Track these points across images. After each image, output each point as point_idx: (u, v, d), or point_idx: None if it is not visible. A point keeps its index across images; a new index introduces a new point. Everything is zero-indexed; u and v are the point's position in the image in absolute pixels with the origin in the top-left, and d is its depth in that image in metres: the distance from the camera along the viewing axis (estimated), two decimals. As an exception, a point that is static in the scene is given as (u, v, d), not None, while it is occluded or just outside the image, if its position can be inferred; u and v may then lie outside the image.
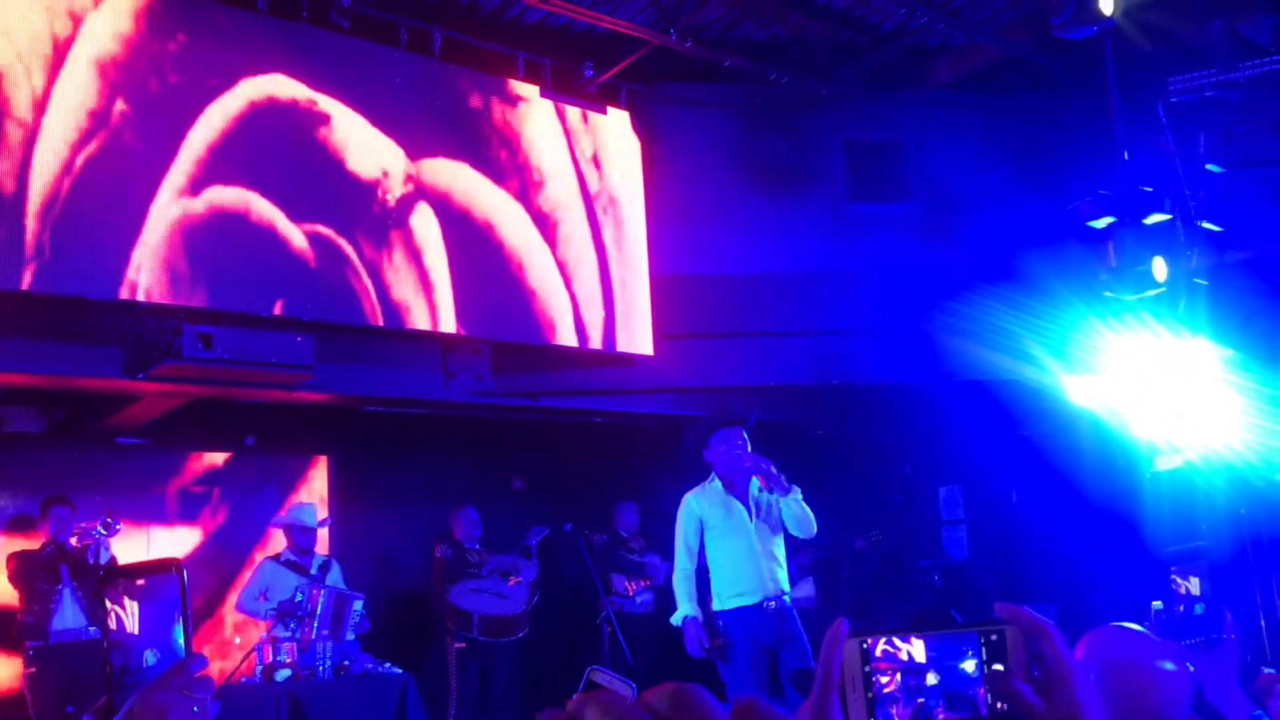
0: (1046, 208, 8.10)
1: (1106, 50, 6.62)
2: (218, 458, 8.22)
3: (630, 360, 7.94)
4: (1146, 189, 6.46)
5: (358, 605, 6.53)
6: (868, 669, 1.10)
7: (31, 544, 6.72)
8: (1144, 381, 6.61)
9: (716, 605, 5.54)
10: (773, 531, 5.54)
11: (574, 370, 7.92)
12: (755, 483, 5.54)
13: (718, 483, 5.64)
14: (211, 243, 6.29)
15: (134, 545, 7.40)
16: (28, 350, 6.11)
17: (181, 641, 1.21)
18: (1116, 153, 6.67)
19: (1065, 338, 7.62)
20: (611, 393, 8.01)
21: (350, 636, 6.45)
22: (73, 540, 6.34)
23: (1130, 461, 6.81)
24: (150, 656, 1.21)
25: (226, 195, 6.38)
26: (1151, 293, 6.50)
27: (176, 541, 7.91)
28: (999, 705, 1.07)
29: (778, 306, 8.34)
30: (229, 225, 6.37)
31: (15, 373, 6.23)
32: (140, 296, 6.03)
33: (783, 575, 5.51)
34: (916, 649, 1.10)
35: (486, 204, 7.42)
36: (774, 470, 5.45)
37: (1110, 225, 6.54)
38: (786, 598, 5.50)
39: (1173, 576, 2.61)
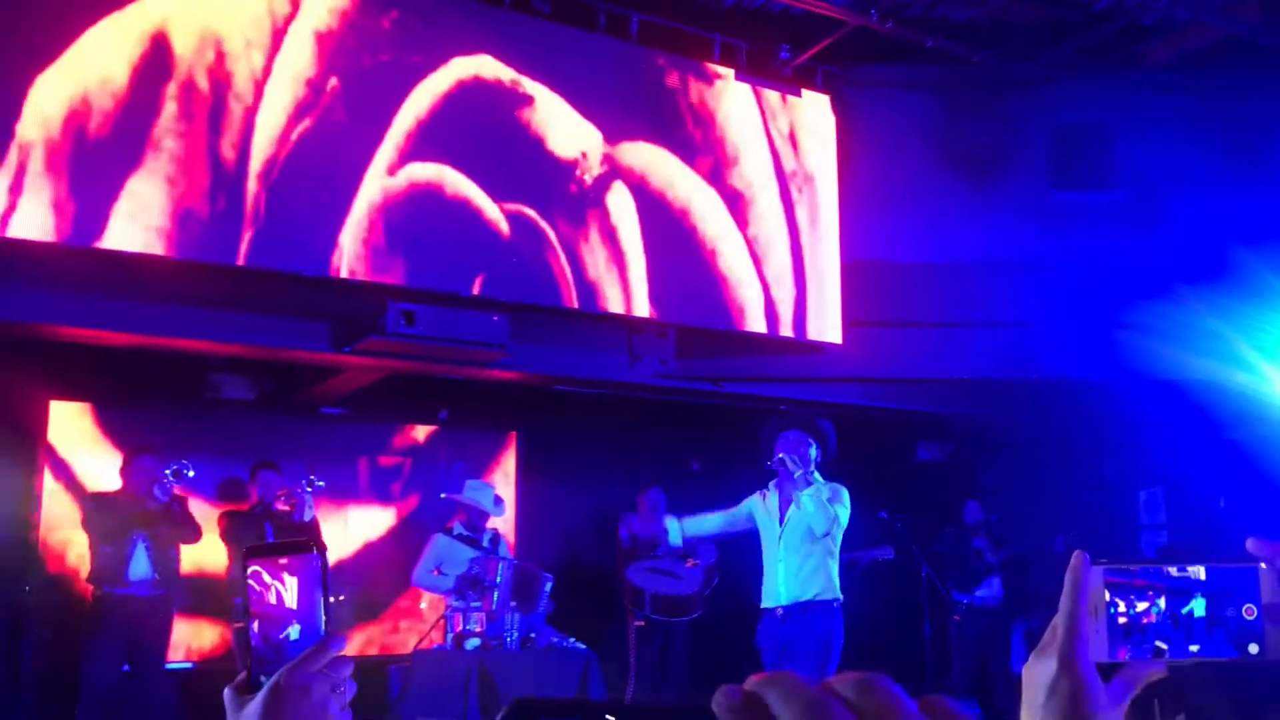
0: (1263, 200, 7.63)
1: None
2: (412, 431, 8.50)
3: (818, 348, 7.83)
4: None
5: (548, 586, 6.65)
6: (1109, 601, 1.12)
7: (241, 507, 7.10)
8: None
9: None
10: (805, 537, 5.47)
11: (759, 356, 7.86)
12: (811, 489, 5.49)
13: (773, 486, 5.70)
14: (414, 220, 6.48)
15: (331, 514, 7.73)
16: (242, 322, 6.41)
17: (323, 620, 1.21)
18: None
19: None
20: (796, 380, 7.92)
21: (540, 611, 6.58)
22: (279, 503, 6.66)
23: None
24: (293, 632, 1.22)
25: (431, 174, 6.56)
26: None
27: (370, 513, 8.22)
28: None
29: (971, 296, 8.09)
30: (432, 203, 6.55)
31: (230, 343, 6.57)
32: (347, 273, 6.25)
33: (809, 583, 5.44)
34: (1148, 586, 1.13)
35: (680, 187, 7.43)
36: (792, 463, 5.43)
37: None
38: (826, 599, 5.44)
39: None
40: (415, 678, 6.46)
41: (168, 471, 6.33)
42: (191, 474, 6.47)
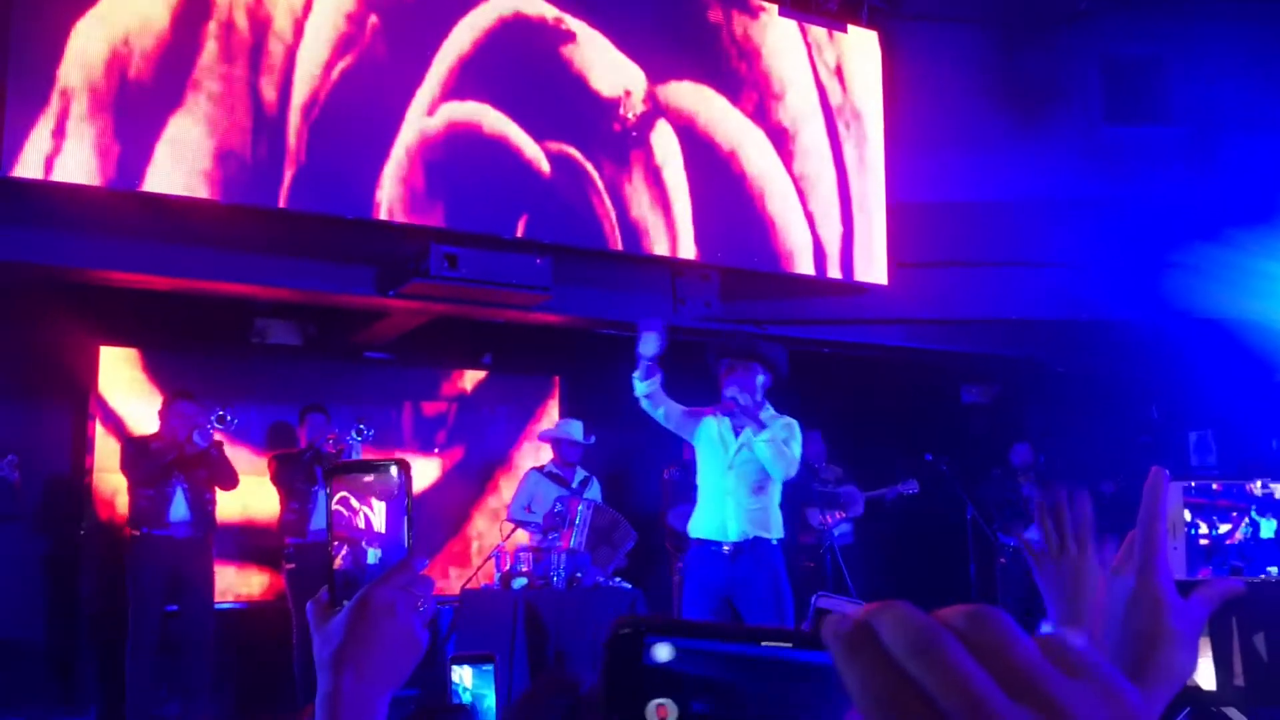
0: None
1: None
2: (458, 378, 8.52)
3: (863, 289, 7.74)
4: None
5: (629, 544, 6.71)
6: (1190, 522, 1.11)
7: (291, 450, 7.17)
8: None
9: (689, 530, 5.43)
10: (760, 476, 5.21)
11: (804, 298, 7.79)
12: (766, 433, 5.16)
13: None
14: (456, 160, 6.44)
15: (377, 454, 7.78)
16: (286, 267, 6.42)
17: (406, 539, 1.21)
18: None
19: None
20: (841, 322, 7.84)
21: (618, 559, 6.64)
22: (329, 445, 6.71)
23: None
24: (373, 554, 1.22)
25: (472, 113, 6.50)
26: None
27: (416, 460, 8.28)
28: None
29: (1020, 236, 7.97)
30: (473, 143, 6.50)
31: (275, 288, 6.58)
32: (389, 215, 6.23)
33: (759, 520, 5.21)
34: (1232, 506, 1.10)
35: (725, 125, 7.33)
36: (744, 404, 5.13)
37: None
38: (775, 537, 5.24)
39: None
40: (463, 617, 6.53)
41: (213, 417, 6.39)
42: (234, 421, 6.53)
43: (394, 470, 1.23)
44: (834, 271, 7.58)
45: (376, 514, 1.23)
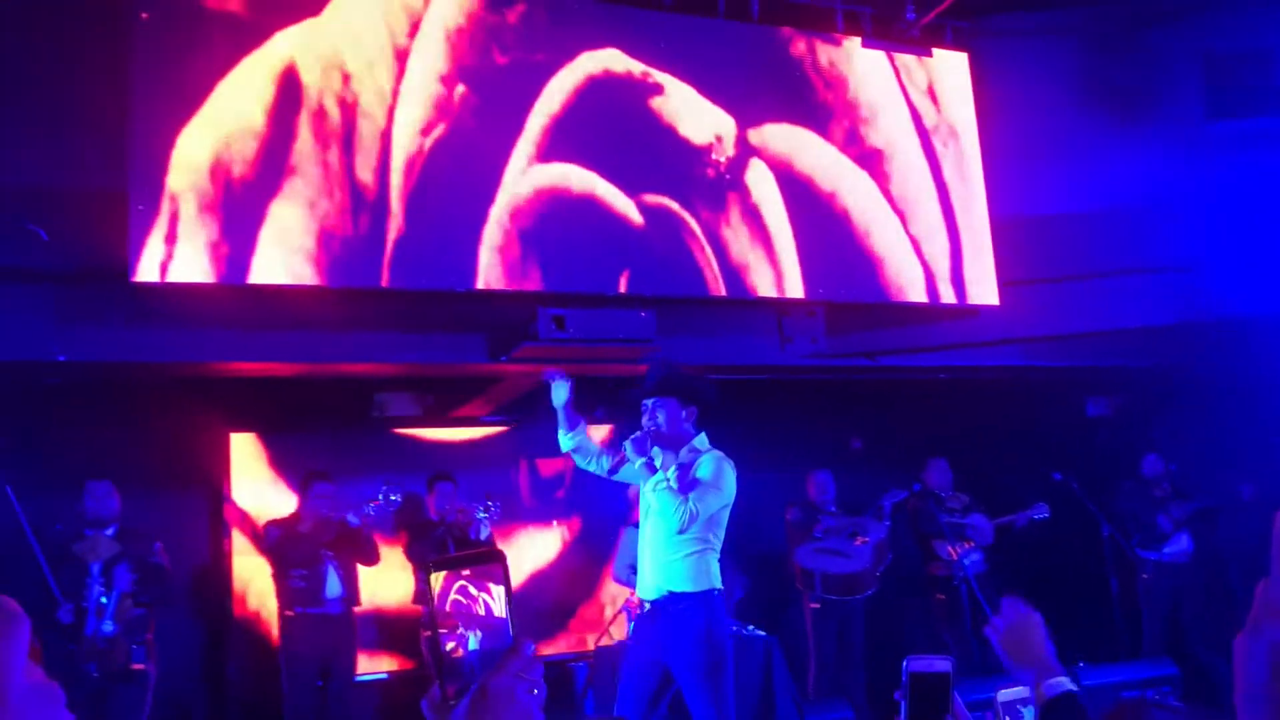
0: None
1: None
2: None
3: (974, 311, 7.62)
4: None
5: (739, 593, 6.67)
6: None
7: (422, 523, 7.29)
8: None
9: None
10: (666, 526, 4.70)
11: (913, 326, 7.69)
12: (654, 480, 4.71)
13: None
14: (555, 223, 6.52)
15: (501, 531, 7.86)
16: (399, 341, 6.57)
17: (511, 626, 1.22)
18: None
19: None
20: (955, 347, 7.73)
21: (730, 607, 6.59)
22: (457, 516, 6.83)
23: None
24: (473, 640, 1.23)
25: (566, 174, 6.60)
26: None
27: (542, 513, 8.35)
28: None
29: (1129, 242, 7.77)
30: (568, 204, 6.58)
31: (391, 363, 6.74)
32: (492, 284, 6.30)
33: (678, 573, 4.68)
34: None
35: (819, 161, 7.30)
36: (632, 450, 4.71)
37: None
38: (701, 589, 4.68)
39: None
40: (599, 674, 6.55)
41: (380, 496, 6.50)
42: (397, 500, 6.60)
43: (493, 561, 1.25)
44: (946, 295, 7.46)
45: (495, 600, 1.25)
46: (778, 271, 7.07)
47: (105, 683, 5.88)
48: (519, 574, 8.09)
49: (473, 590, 1.25)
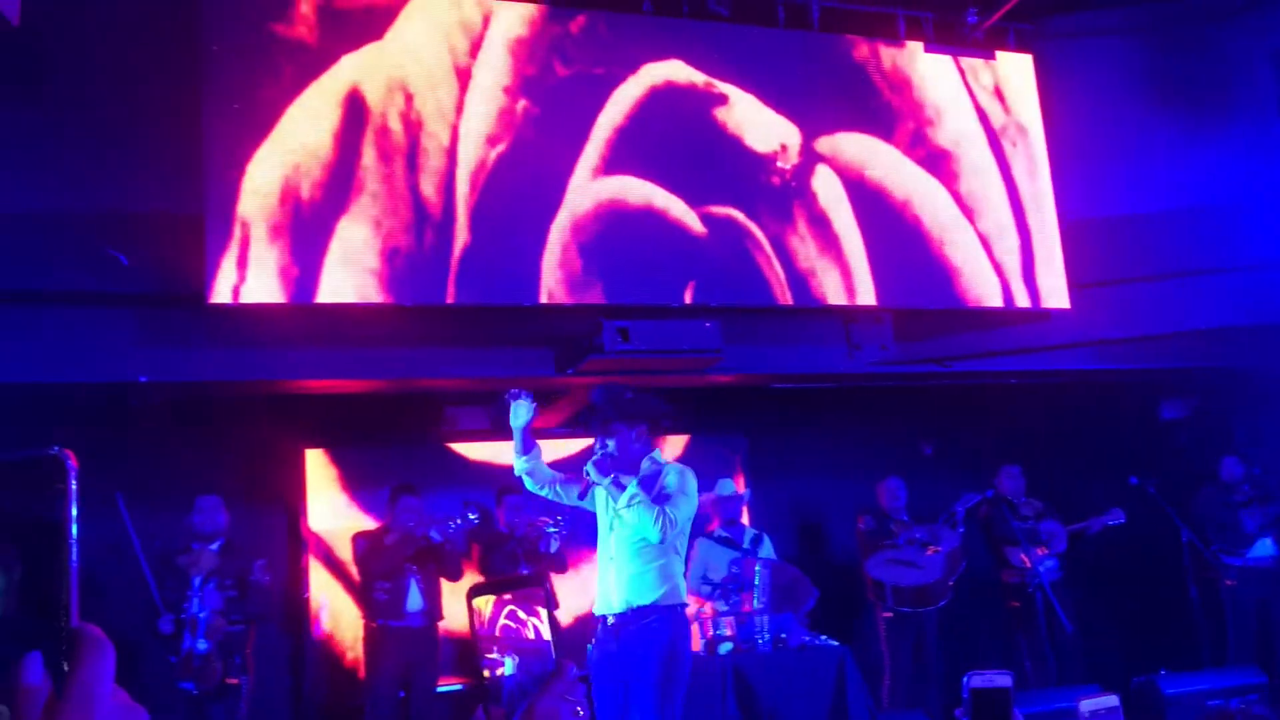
0: None
1: None
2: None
3: (1046, 315, 7.53)
4: None
5: (811, 601, 6.64)
6: None
7: (493, 537, 7.34)
8: None
9: None
10: (631, 540, 4.66)
11: (983, 331, 7.62)
12: (624, 497, 4.65)
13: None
14: (619, 235, 6.56)
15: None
16: (467, 356, 6.66)
17: (552, 648, 1.25)
18: None
19: None
20: (1026, 351, 7.64)
21: (802, 617, 6.58)
22: (527, 530, 6.89)
23: None
24: (510, 664, 1.25)
25: (629, 187, 6.64)
26: None
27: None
28: None
29: (1201, 242, 7.63)
30: (633, 217, 6.63)
31: (459, 379, 6.83)
32: (557, 297, 6.36)
33: (644, 587, 4.61)
34: None
35: (887, 167, 7.27)
36: (594, 475, 4.66)
37: None
38: (669, 603, 4.62)
39: None
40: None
41: (464, 516, 6.58)
42: (475, 518, 6.67)
43: (536, 583, 1.28)
44: (1020, 299, 7.37)
45: (542, 623, 1.28)
46: (847, 278, 7.04)
47: (200, 700, 6.02)
48: (588, 586, 8.12)
49: (521, 614, 1.29)
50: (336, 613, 7.44)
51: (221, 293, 5.72)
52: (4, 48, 4.63)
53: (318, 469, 7.74)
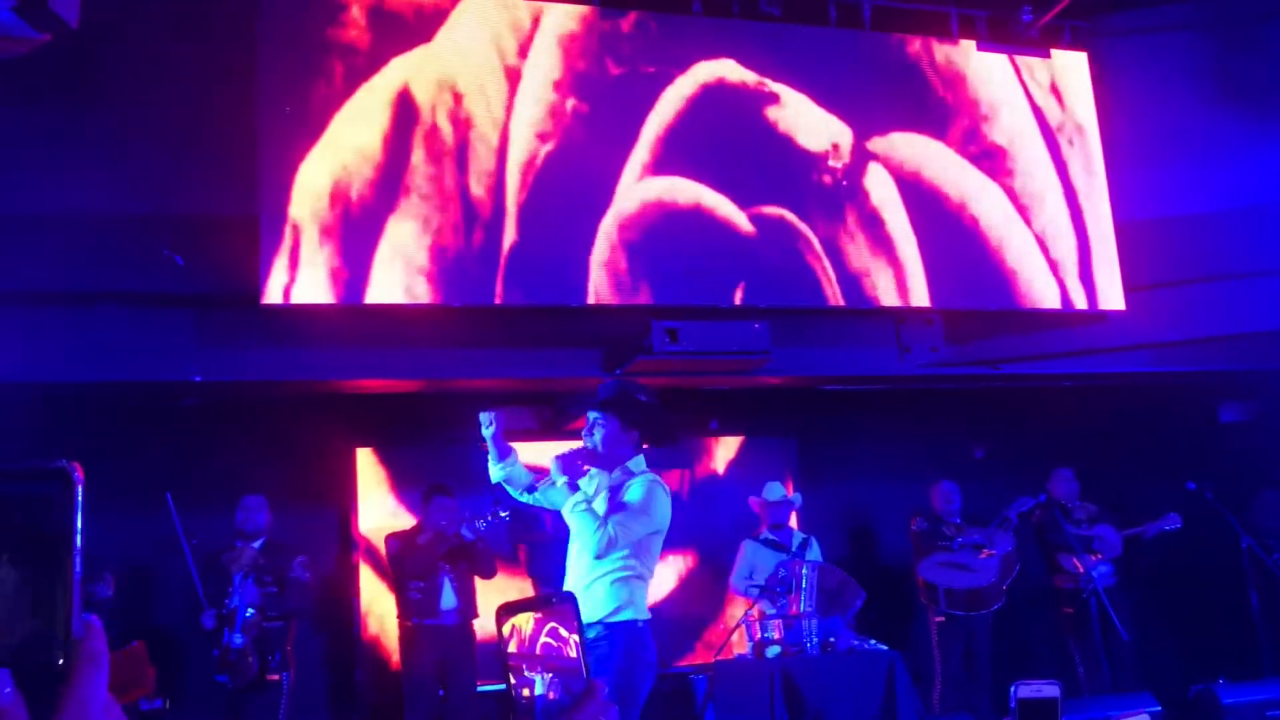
0: None
1: None
2: (697, 447, 8.60)
3: (1101, 317, 7.41)
4: None
5: (859, 602, 6.59)
6: None
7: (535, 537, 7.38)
8: None
9: None
10: (581, 549, 4.40)
11: (1035, 332, 7.51)
12: (573, 499, 4.40)
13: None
14: (667, 235, 6.55)
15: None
16: (516, 357, 6.67)
17: (584, 666, 1.23)
18: None
19: None
20: (1081, 353, 7.52)
21: (850, 620, 6.53)
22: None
23: None
24: (540, 684, 1.23)
25: (679, 187, 6.63)
26: None
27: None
28: None
29: (1261, 243, 7.48)
30: (682, 217, 6.61)
31: (508, 379, 6.85)
32: (606, 298, 6.36)
33: (597, 600, 4.32)
34: None
35: (942, 167, 7.19)
36: (569, 463, 4.42)
37: None
38: (625, 619, 4.34)
39: None
40: (719, 688, 6.53)
41: (490, 513, 6.64)
42: (507, 516, 6.71)
43: (564, 600, 1.26)
44: (1077, 300, 7.26)
45: (579, 642, 1.27)
46: (900, 279, 6.97)
47: (236, 695, 6.15)
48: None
49: (563, 632, 1.27)
50: (383, 614, 7.49)
51: (273, 293, 5.78)
52: (64, 52, 4.71)
53: (368, 469, 7.80)
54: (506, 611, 1.26)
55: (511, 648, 1.24)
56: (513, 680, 1.25)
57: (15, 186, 5.69)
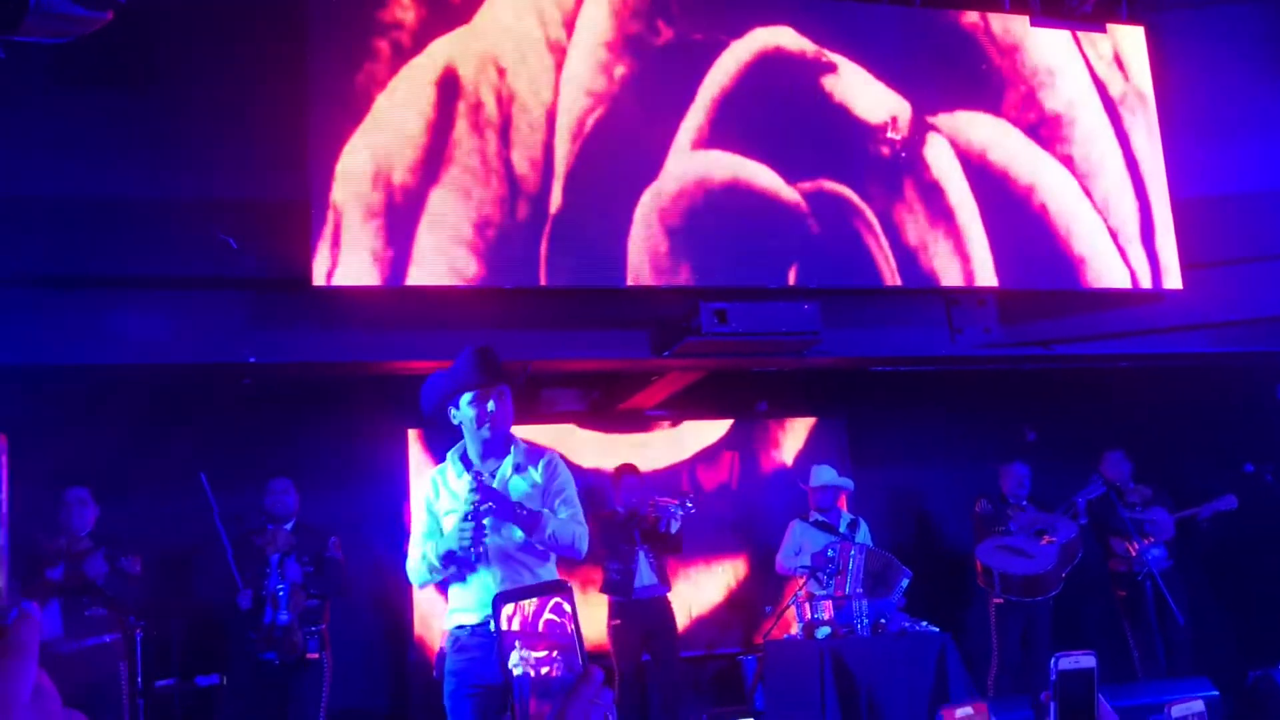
0: None
1: None
2: (735, 426, 8.58)
3: (1158, 296, 7.28)
4: None
5: (904, 582, 6.56)
6: None
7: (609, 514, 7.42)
8: None
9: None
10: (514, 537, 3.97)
11: (1089, 313, 7.39)
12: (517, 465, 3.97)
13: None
14: (716, 214, 6.48)
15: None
16: (564, 339, 6.67)
17: (580, 653, 1.23)
18: None
19: None
20: (1137, 333, 7.39)
21: (899, 600, 6.51)
22: (648, 510, 6.97)
23: None
24: (514, 658, 1.23)
25: (730, 164, 6.54)
26: None
27: (703, 504, 8.36)
28: None
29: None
30: (733, 195, 6.53)
31: (556, 359, 6.85)
32: (648, 278, 6.31)
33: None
34: None
35: (997, 143, 7.06)
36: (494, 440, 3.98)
37: None
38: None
39: None
40: (769, 668, 6.53)
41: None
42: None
43: (562, 591, 1.27)
44: (1142, 277, 7.12)
45: (539, 630, 1.27)
46: (962, 259, 6.85)
47: (284, 670, 6.30)
48: (693, 567, 8.12)
49: (566, 608, 1.28)
50: (434, 596, 7.54)
51: (318, 276, 5.82)
52: (117, 34, 4.75)
53: (419, 450, 7.85)
54: (504, 599, 1.27)
55: (515, 625, 1.26)
56: (513, 657, 1.26)
57: (73, 171, 5.77)
